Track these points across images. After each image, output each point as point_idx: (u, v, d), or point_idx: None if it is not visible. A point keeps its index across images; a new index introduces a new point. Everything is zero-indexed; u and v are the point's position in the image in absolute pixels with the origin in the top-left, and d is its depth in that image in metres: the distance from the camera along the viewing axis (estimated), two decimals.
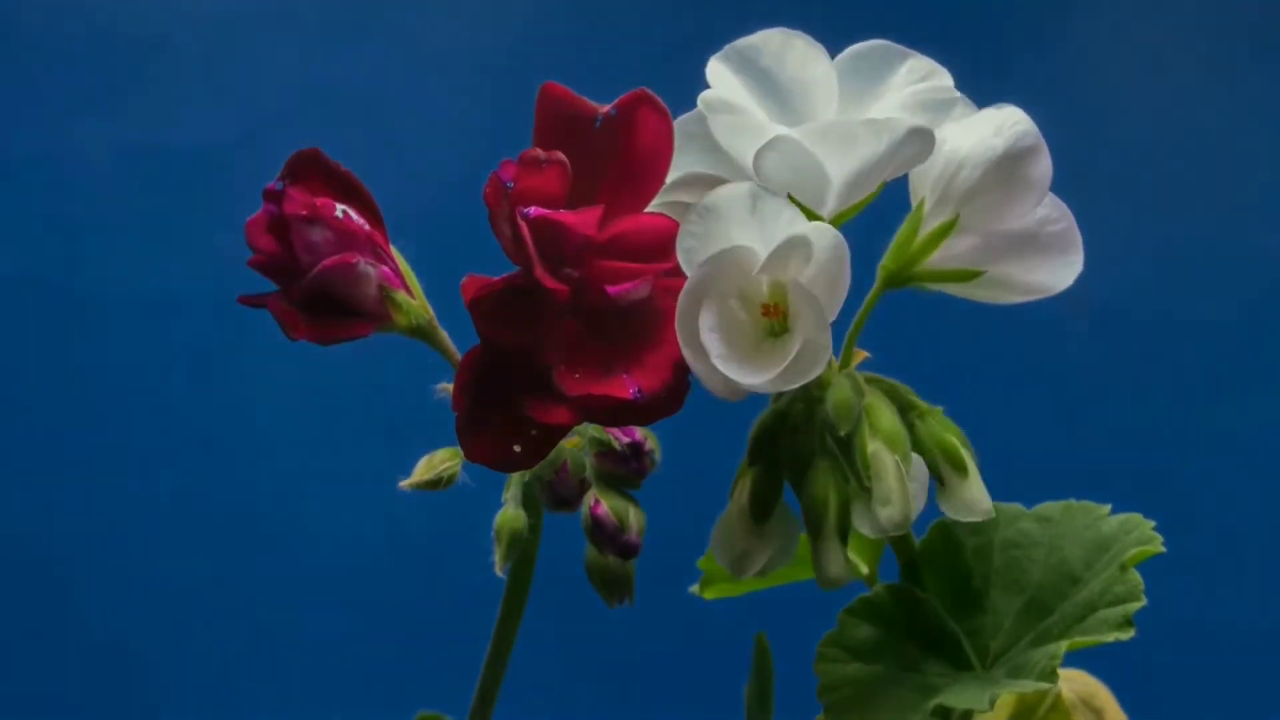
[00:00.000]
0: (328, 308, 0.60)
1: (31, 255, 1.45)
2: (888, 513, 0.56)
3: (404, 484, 0.64)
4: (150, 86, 1.46)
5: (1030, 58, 1.43)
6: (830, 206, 0.57)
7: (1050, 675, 0.59)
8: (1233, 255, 1.44)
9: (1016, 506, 0.67)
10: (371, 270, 0.60)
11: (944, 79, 0.59)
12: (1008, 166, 0.58)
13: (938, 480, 0.58)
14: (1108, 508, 0.65)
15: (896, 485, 0.56)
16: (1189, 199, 1.44)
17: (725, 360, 0.54)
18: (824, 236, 0.54)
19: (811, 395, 0.59)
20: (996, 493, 0.69)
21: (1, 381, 1.44)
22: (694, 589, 0.77)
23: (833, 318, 0.54)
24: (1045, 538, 0.65)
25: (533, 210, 0.56)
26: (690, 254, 0.55)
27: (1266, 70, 1.47)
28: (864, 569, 0.76)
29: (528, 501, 0.65)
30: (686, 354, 0.54)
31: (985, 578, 0.65)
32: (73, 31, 1.46)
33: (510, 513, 0.65)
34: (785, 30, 0.59)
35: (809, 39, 0.59)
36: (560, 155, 0.57)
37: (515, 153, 0.57)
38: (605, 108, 0.59)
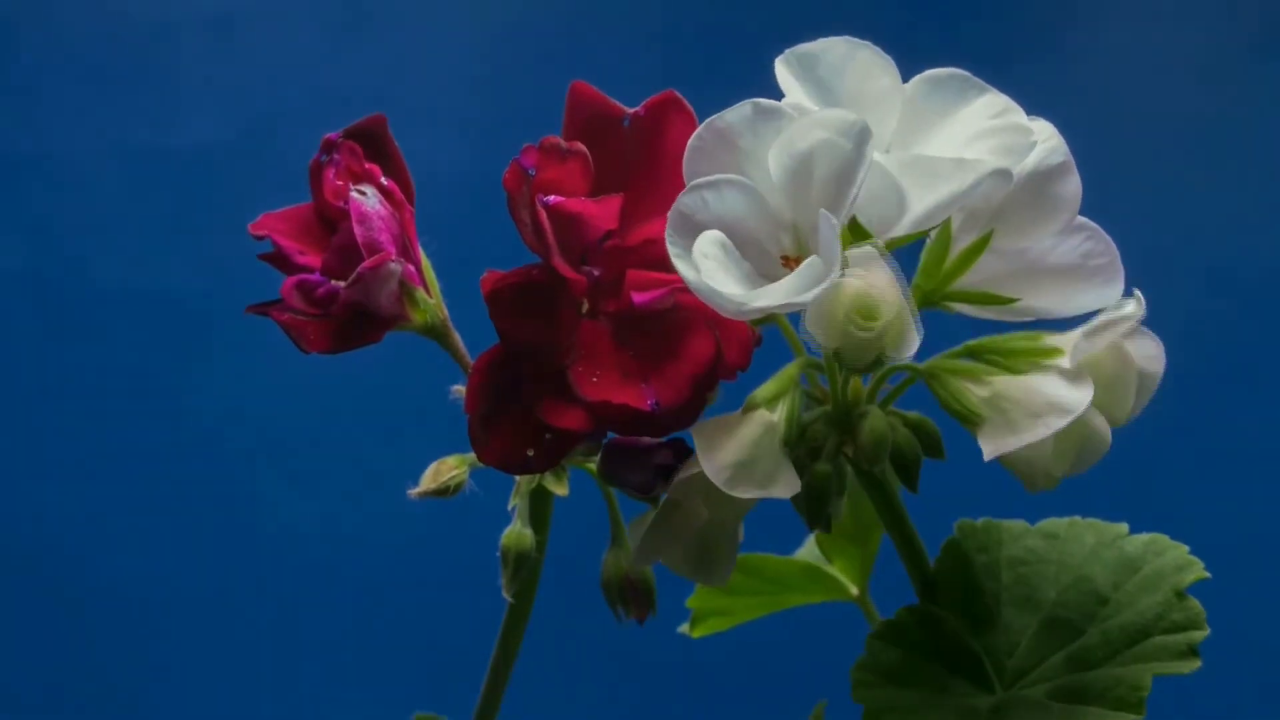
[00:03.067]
0: (346, 313, 0.59)
1: (32, 254, 1.43)
2: (1047, 422, 0.54)
3: (413, 493, 0.63)
4: (152, 86, 1.45)
5: (1030, 59, 1.42)
6: (898, 232, 0.55)
7: (1136, 706, 0.58)
8: (1230, 255, 1.43)
9: (1020, 523, 0.65)
10: (398, 269, 0.59)
11: (1019, 117, 0.57)
12: (1037, 184, 0.57)
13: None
14: (1124, 527, 0.64)
15: (1044, 391, 0.55)
16: (1187, 199, 1.43)
17: (721, 280, 0.52)
18: (834, 146, 0.52)
19: (836, 418, 0.57)
20: (997, 500, 0.68)
21: (4, 378, 1.43)
22: (683, 628, 0.77)
23: (846, 208, 0.52)
24: (1054, 555, 0.64)
25: (552, 198, 0.55)
26: (697, 172, 0.54)
27: (1264, 71, 1.46)
28: (853, 590, 0.75)
29: (534, 515, 0.64)
30: (678, 264, 0.53)
31: (995, 595, 0.63)
32: (74, 32, 1.44)
33: (517, 531, 0.64)
34: (851, 40, 0.57)
35: (876, 51, 0.57)
36: (582, 147, 0.57)
37: None
38: (633, 109, 0.58)
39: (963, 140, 0.56)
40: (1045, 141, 0.57)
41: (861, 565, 0.75)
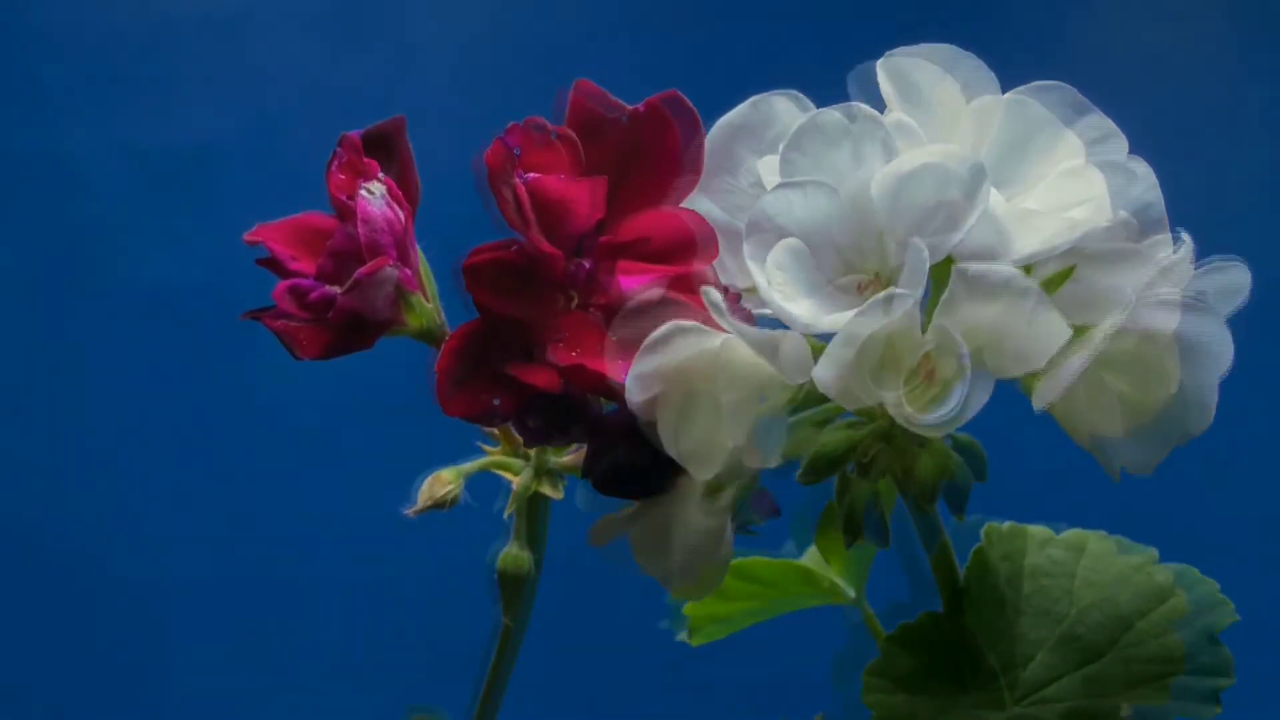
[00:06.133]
0: (342, 318, 0.57)
1: (38, 251, 1.42)
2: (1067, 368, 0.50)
3: (409, 511, 0.61)
4: (154, 86, 1.43)
5: (1027, 55, 1.41)
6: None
7: None
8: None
9: (1045, 531, 0.63)
10: (394, 273, 0.57)
11: (1120, 149, 0.54)
12: (1128, 231, 0.54)
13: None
14: (1154, 551, 0.61)
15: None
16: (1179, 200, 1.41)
17: (790, 294, 0.50)
18: (954, 176, 0.50)
19: (894, 439, 0.54)
20: (998, 499, 0.64)
21: (5, 377, 1.41)
22: (681, 636, 0.75)
23: (949, 247, 0.50)
24: (1077, 569, 0.61)
25: (531, 175, 0.54)
26: (789, 162, 0.52)
27: (1252, 70, 1.43)
28: (850, 593, 0.73)
29: (531, 521, 0.62)
30: (752, 266, 0.50)
31: (1016, 605, 0.61)
32: (77, 33, 1.43)
33: (514, 554, 0.62)
34: (954, 49, 0.55)
35: (978, 63, 0.55)
36: (571, 134, 0.56)
37: None
38: (634, 106, 0.57)
39: (1061, 174, 0.54)
40: (1144, 193, 0.54)
41: (859, 568, 0.73)
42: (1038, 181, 0.54)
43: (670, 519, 0.57)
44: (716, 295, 0.51)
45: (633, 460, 0.55)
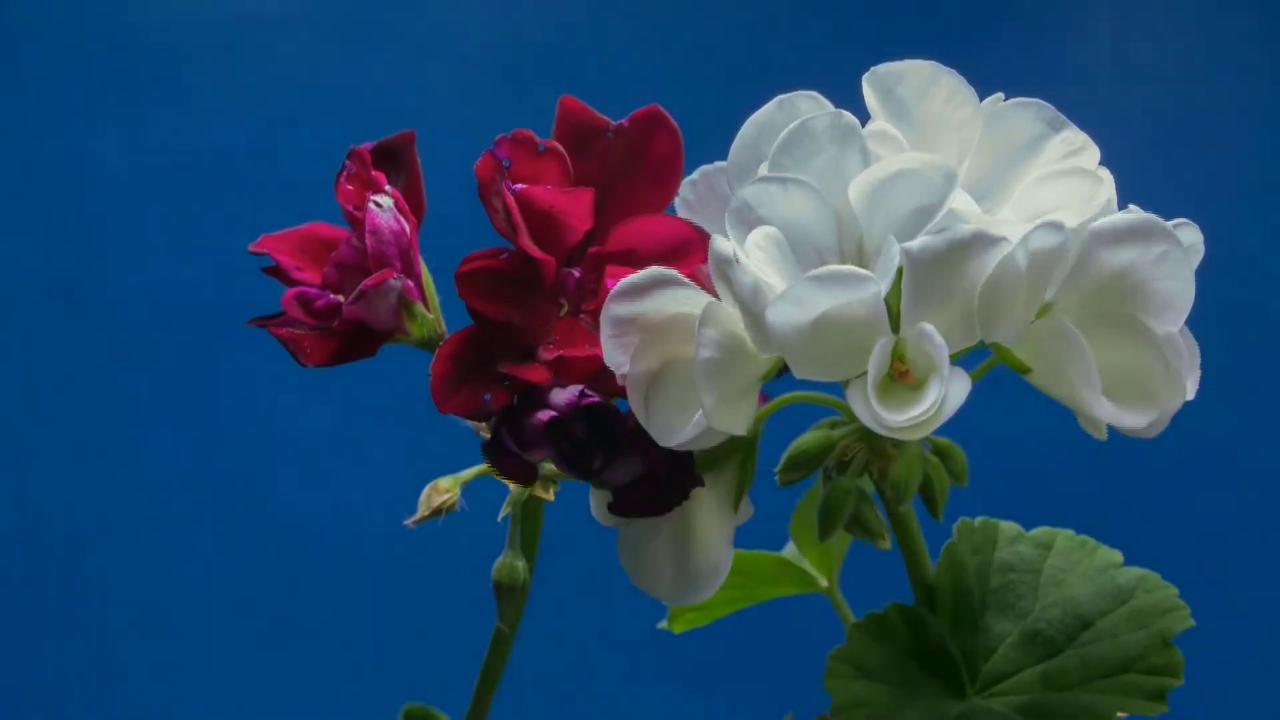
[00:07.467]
0: (346, 327, 0.58)
1: (53, 256, 1.42)
2: None
3: (409, 521, 0.62)
4: (169, 92, 1.44)
5: (1023, 51, 1.41)
6: None
7: None
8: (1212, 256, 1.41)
9: (1014, 527, 0.63)
10: (398, 284, 0.57)
11: (1093, 157, 0.54)
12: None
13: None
14: (1118, 555, 0.62)
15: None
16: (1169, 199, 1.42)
17: (767, 274, 0.49)
18: (928, 181, 0.50)
19: (873, 439, 0.54)
20: (980, 498, 0.65)
21: (23, 378, 1.42)
22: (662, 624, 0.75)
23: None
24: (1043, 566, 0.62)
25: (520, 185, 0.55)
26: (778, 164, 0.52)
27: (1232, 72, 1.44)
28: (823, 582, 0.73)
29: (526, 522, 0.63)
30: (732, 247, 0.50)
31: (982, 599, 0.61)
32: (94, 39, 1.44)
33: (509, 564, 0.63)
34: (936, 65, 0.55)
35: (960, 80, 0.55)
36: (559, 147, 0.56)
37: None
38: (618, 121, 0.58)
39: (1034, 182, 0.54)
40: (1108, 199, 0.54)
41: (833, 558, 0.74)
42: (1014, 193, 0.55)
43: (678, 533, 0.58)
44: (725, 244, 0.50)
45: (651, 469, 0.55)
